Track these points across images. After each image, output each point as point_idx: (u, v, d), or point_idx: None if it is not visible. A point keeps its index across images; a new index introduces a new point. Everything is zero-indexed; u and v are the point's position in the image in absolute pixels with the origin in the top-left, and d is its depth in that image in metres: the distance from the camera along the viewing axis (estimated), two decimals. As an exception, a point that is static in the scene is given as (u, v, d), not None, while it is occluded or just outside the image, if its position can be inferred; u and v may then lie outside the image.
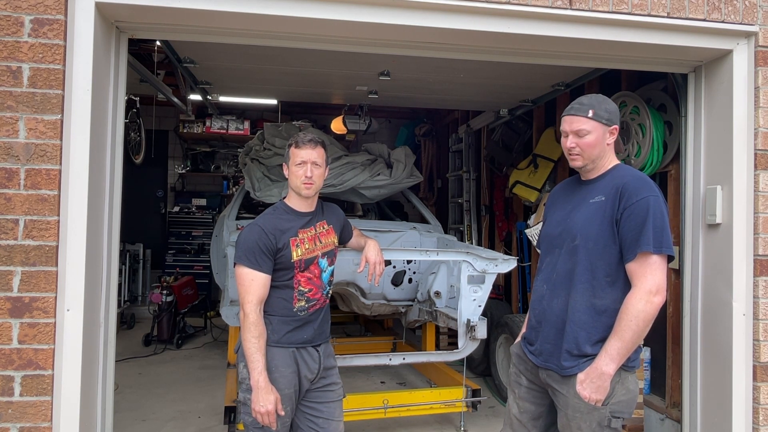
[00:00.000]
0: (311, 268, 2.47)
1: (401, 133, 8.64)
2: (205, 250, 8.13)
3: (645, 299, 1.97)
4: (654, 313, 1.98)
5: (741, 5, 2.81)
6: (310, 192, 2.45)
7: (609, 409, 2.04)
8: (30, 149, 2.25)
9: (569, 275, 2.16)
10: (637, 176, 2.13)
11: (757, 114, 2.81)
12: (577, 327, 2.11)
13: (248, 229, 2.41)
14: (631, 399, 2.09)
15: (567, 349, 2.12)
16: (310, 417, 2.49)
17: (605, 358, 2.02)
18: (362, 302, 4.39)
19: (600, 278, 2.10)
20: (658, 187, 2.14)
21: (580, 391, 2.05)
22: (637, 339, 2.00)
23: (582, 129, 2.15)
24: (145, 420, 4.32)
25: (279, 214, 2.49)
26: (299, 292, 2.43)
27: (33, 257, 2.23)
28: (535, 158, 5.05)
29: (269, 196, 4.76)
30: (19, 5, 2.26)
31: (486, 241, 6.49)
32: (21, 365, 2.23)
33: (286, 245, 2.40)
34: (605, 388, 2.02)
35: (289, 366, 2.39)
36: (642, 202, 2.03)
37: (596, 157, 2.18)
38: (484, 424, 4.36)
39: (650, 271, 2.00)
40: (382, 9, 2.54)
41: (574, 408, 2.09)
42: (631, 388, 2.09)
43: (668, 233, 2.04)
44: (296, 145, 2.45)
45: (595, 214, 2.13)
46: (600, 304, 2.09)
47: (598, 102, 2.18)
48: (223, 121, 8.39)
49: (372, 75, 4.29)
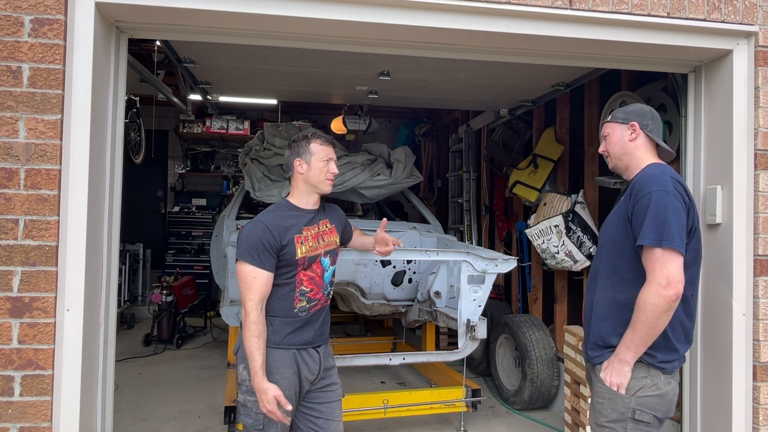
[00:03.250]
0: (314, 266, 2.46)
1: (401, 133, 8.64)
2: (205, 250, 8.13)
3: (654, 292, 2.03)
4: (666, 305, 2.02)
5: (741, 5, 2.81)
6: (331, 188, 2.52)
7: (634, 401, 2.11)
8: (30, 149, 2.25)
9: (596, 272, 2.32)
10: (649, 173, 2.18)
11: (757, 114, 2.81)
12: (601, 320, 2.24)
13: (252, 226, 2.38)
14: (661, 398, 2.13)
15: (593, 340, 2.27)
16: (310, 417, 2.49)
17: (622, 347, 2.13)
18: (362, 302, 4.39)
19: (621, 274, 2.20)
20: (676, 182, 2.13)
21: (603, 377, 2.17)
22: (649, 330, 2.05)
23: (604, 133, 2.38)
24: (145, 420, 4.32)
25: (282, 211, 2.47)
26: (300, 292, 2.42)
27: (33, 257, 2.23)
28: (535, 158, 5.05)
29: (269, 196, 4.76)
30: (19, 5, 2.26)
31: (486, 241, 6.49)
32: (21, 365, 2.23)
33: (291, 242, 2.38)
34: (625, 374, 2.11)
35: (290, 367, 2.38)
36: (645, 197, 2.09)
37: (621, 155, 2.31)
38: (484, 424, 4.37)
39: (658, 265, 2.04)
40: (382, 9, 2.53)
41: (598, 394, 2.21)
42: (663, 387, 2.13)
43: (673, 226, 2.04)
44: (321, 141, 2.48)
45: (617, 214, 2.26)
46: (622, 299, 2.18)
47: (622, 108, 2.37)
48: (223, 121, 8.39)
49: (372, 75, 4.29)
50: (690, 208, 2.14)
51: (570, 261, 4.28)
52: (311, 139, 2.48)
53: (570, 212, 4.26)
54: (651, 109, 2.33)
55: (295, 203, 2.50)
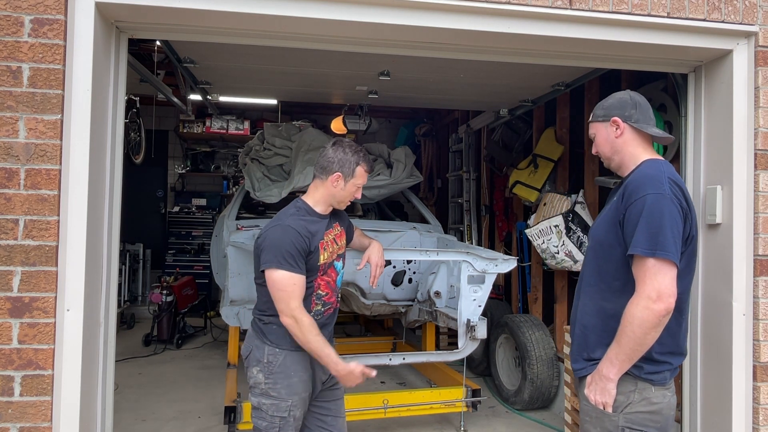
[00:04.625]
0: (329, 271, 2.47)
1: (401, 133, 8.63)
2: (205, 250, 8.13)
3: (643, 305, 1.87)
4: (654, 320, 1.85)
5: (741, 5, 2.81)
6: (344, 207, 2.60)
7: (622, 418, 1.96)
8: (30, 149, 2.24)
9: (582, 278, 2.16)
10: (643, 173, 2.00)
11: (757, 114, 2.81)
12: (586, 330, 2.09)
13: (281, 231, 2.32)
14: (654, 414, 1.97)
15: (578, 351, 2.11)
16: (318, 416, 2.51)
17: (605, 362, 1.97)
18: (362, 302, 4.39)
19: (608, 281, 2.03)
20: (674, 185, 1.95)
21: (587, 394, 2.02)
22: (636, 345, 1.89)
23: (590, 134, 2.22)
24: (145, 420, 4.32)
25: (303, 215, 2.43)
26: (317, 296, 2.43)
27: (33, 257, 2.23)
28: (535, 158, 5.05)
29: (269, 196, 4.76)
30: (19, 5, 2.26)
31: (486, 241, 6.49)
32: (21, 365, 2.22)
33: (316, 249, 2.38)
34: (609, 392, 1.96)
35: (307, 370, 2.40)
36: (639, 201, 1.91)
37: (612, 154, 2.15)
38: (484, 424, 4.37)
39: (649, 275, 1.87)
40: (382, 9, 2.53)
41: (584, 411, 2.07)
42: (655, 401, 1.96)
43: (668, 234, 1.87)
44: (366, 168, 2.50)
45: (607, 215, 2.08)
46: (609, 308, 2.02)
47: (600, 104, 2.21)
48: (223, 121, 8.39)
49: (372, 75, 4.29)
50: (688, 214, 1.96)
51: (570, 261, 4.28)
52: (360, 163, 2.46)
53: (570, 212, 4.26)
54: (632, 96, 2.15)
55: (314, 208, 2.48)
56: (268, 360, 2.37)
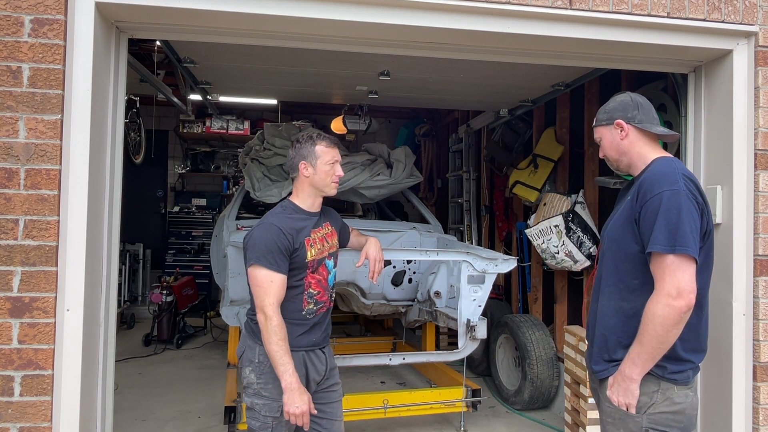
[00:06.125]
0: (320, 269, 2.46)
1: (401, 133, 8.64)
2: (205, 250, 8.13)
3: (663, 303, 1.86)
4: (676, 317, 1.85)
5: (741, 5, 2.81)
6: (336, 190, 2.49)
7: (646, 419, 1.95)
8: (30, 149, 2.24)
9: (600, 279, 2.15)
10: (657, 171, 2.00)
11: (757, 114, 2.81)
12: (606, 331, 2.08)
13: (264, 229, 2.34)
14: (677, 414, 1.96)
15: (598, 353, 2.10)
16: (314, 418, 2.49)
17: (628, 362, 1.96)
18: (362, 302, 4.39)
19: (626, 281, 2.03)
20: (688, 180, 1.96)
21: (610, 396, 2.01)
22: (658, 344, 1.89)
23: (596, 138, 2.24)
24: (145, 420, 4.32)
25: (289, 213, 2.44)
26: (309, 295, 2.43)
27: (33, 257, 2.23)
28: (535, 158, 5.05)
29: (269, 196, 4.76)
30: (19, 5, 2.26)
31: (486, 241, 6.49)
32: (21, 365, 2.22)
33: (302, 245, 2.37)
34: (632, 392, 1.95)
35: (300, 370, 2.39)
36: (656, 198, 1.91)
37: (619, 156, 2.16)
38: (484, 424, 4.37)
39: (668, 272, 1.87)
40: (382, 9, 2.53)
41: (606, 413, 2.06)
42: (678, 401, 1.96)
43: (687, 229, 1.87)
44: (326, 143, 2.45)
45: (622, 215, 2.07)
46: (628, 308, 2.02)
47: (603, 107, 2.23)
48: (223, 121, 8.39)
49: (372, 75, 4.29)
50: (704, 209, 1.97)
51: (570, 261, 4.28)
52: (316, 140, 2.44)
53: (570, 212, 4.26)
54: (633, 97, 2.16)
55: (301, 205, 2.48)
56: (260, 360, 2.36)
